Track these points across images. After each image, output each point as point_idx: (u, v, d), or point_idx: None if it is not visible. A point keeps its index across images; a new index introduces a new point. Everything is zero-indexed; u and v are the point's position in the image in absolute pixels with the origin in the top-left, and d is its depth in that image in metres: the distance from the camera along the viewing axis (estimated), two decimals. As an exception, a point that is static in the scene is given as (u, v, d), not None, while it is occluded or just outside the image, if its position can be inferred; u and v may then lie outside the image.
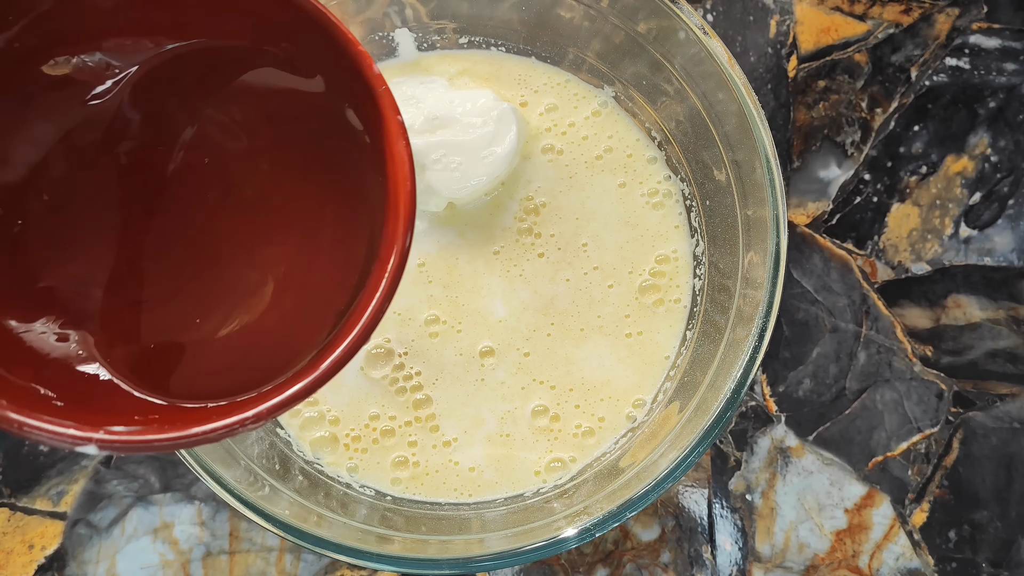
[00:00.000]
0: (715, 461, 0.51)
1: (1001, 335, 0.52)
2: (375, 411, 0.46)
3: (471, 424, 0.46)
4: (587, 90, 0.49)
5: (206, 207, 0.33)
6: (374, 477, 0.45)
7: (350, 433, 0.46)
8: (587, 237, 0.47)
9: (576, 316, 0.47)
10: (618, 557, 0.50)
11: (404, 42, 0.50)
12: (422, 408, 0.46)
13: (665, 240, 0.48)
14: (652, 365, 0.46)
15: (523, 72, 0.50)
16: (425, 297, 0.47)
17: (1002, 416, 0.52)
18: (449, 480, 0.45)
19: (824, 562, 0.50)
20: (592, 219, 0.48)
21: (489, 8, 0.48)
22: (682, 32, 0.42)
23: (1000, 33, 0.54)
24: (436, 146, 0.46)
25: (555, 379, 0.46)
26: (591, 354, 0.46)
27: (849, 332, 0.52)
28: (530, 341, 0.46)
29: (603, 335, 0.46)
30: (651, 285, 0.47)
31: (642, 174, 0.48)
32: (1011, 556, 0.50)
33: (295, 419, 0.46)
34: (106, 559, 0.51)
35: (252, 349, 0.32)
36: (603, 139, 0.49)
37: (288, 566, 0.51)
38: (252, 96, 0.32)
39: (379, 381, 0.46)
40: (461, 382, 0.46)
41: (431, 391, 0.46)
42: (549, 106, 0.49)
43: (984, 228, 0.53)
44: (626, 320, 0.47)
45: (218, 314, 0.33)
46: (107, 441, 0.26)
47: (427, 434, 0.46)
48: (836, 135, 0.54)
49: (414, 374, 0.46)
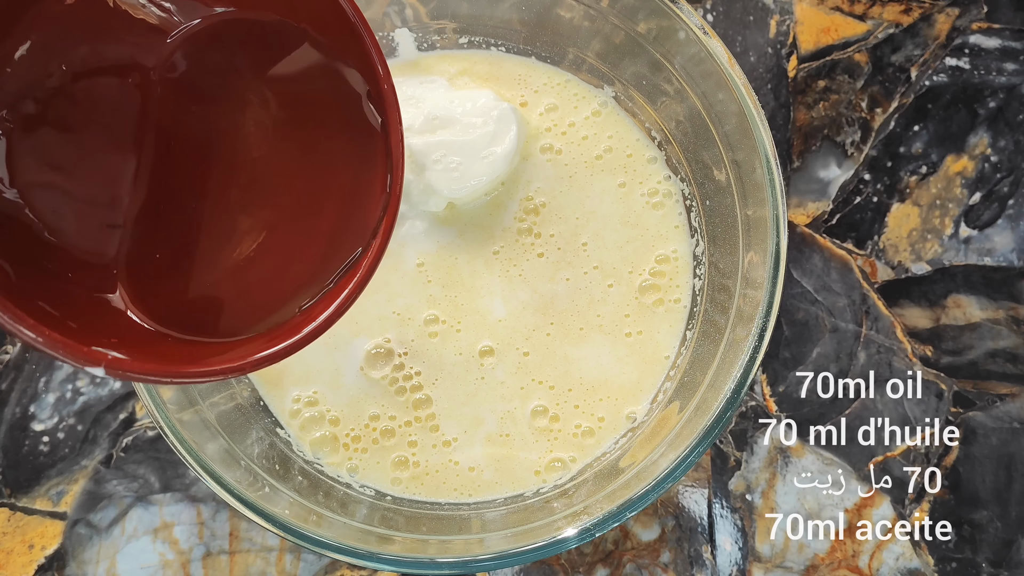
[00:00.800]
0: (715, 461, 0.51)
1: (1001, 335, 0.52)
2: (375, 411, 0.46)
3: (471, 424, 0.46)
4: (587, 90, 0.49)
5: (221, 163, 0.36)
6: (374, 477, 0.45)
7: (350, 433, 0.46)
8: (587, 237, 0.47)
9: (576, 315, 0.47)
10: (618, 557, 0.50)
11: (404, 42, 0.50)
12: (422, 408, 0.46)
13: (665, 240, 0.48)
14: (652, 364, 0.46)
15: (523, 72, 0.50)
16: (424, 297, 0.47)
17: (1002, 416, 0.52)
18: (449, 480, 0.45)
19: (824, 562, 0.50)
20: (592, 219, 0.48)
21: (489, 8, 0.48)
22: (682, 32, 0.42)
23: (1000, 33, 0.54)
24: (436, 146, 0.46)
25: (554, 379, 0.46)
26: (590, 354, 0.46)
27: (849, 332, 0.52)
28: (529, 341, 0.46)
29: (603, 334, 0.46)
30: (651, 285, 0.47)
31: (642, 174, 0.48)
32: (1011, 556, 0.50)
33: (295, 419, 0.46)
34: (106, 559, 0.51)
35: (257, 292, 0.35)
36: (603, 139, 0.49)
37: (288, 566, 0.51)
38: (285, 71, 0.35)
39: (379, 381, 0.46)
40: (461, 382, 0.46)
41: (431, 391, 0.46)
42: (549, 106, 0.49)
43: (984, 228, 0.53)
44: (626, 320, 0.47)
45: (229, 258, 0.35)
46: (115, 363, 0.28)
47: (427, 434, 0.46)
48: (836, 135, 0.54)
49: (414, 374, 0.46)
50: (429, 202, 0.46)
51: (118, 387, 0.53)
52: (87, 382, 0.53)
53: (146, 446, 0.52)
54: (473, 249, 0.47)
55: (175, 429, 0.39)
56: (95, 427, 0.52)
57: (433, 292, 0.47)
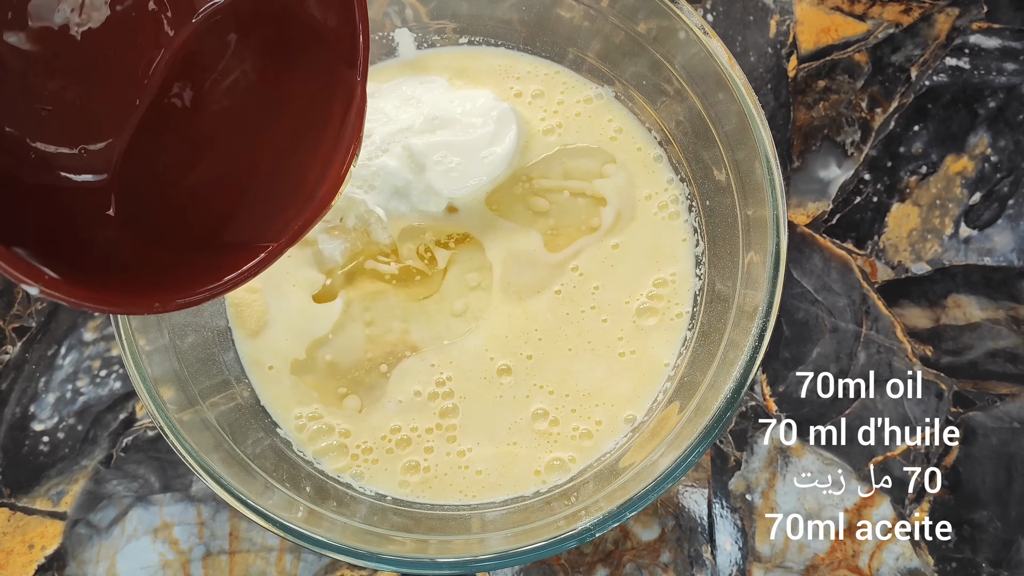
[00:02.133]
0: (715, 461, 0.51)
1: (1001, 335, 0.52)
2: (396, 424, 0.46)
3: (486, 437, 0.46)
4: (581, 82, 0.49)
5: (203, 103, 0.37)
6: (381, 481, 0.45)
7: (362, 444, 0.46)
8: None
9: (580, 328, 0.47)
10: (618, 557, 0.50)
11: (404, 42, 0.50)
12: (448, 416, 0.46)
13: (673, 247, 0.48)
14: (651, 374, 0.46)
15: (529, 68, 0.50)
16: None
17: (1002, 416, 0.52)
18: (456, 483, 0.45)
19: (824, 562, 0.50)
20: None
21: (489, 8, 0.48)
22: (682, 32, 0.42)
23: (1000, 33, 0.54)
24: (436, 146, 0.46)
25: (554, 384, 0.46)
26: (588, 366, 0.46)
27: (849, 332, 0.52)
28: (529, 344, 0.46)
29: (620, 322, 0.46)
30: (659, 286, 0.47)
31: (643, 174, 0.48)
32: (1011, 556, 0.50)
33: (302, 434, 0.46)
34: (106, 559, 0.51)
35: (241, 210, 0.37)
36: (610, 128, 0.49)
37: (288, 566, 0.51)
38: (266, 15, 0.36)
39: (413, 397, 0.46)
40: (484, 398, 0.46)
41: (459, 401, 0.46)
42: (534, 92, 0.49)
43: (984, 228, 0.53)
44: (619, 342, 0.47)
45: (211, 177, 0.37)
46: (52, 284, 0.29)
47: (444, 443, 0.46)
48: (836, 135, 0.54)
49: (446, 379, 0.46)
50: (429, 202, 0.46)
51: (118, 387, 0.53)
52: (87, 382, 0.53)
53: (146, 446, 0.52)
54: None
55: (175, 429, 0.39)
56: (95, 427, 0.52)
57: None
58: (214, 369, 0.45)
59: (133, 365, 0.39)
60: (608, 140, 0.49)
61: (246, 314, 0.47)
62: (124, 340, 0.39)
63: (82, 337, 0.53)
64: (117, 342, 0.40)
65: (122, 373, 0.53)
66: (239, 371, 0.47)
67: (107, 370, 0.53)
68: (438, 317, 0.47)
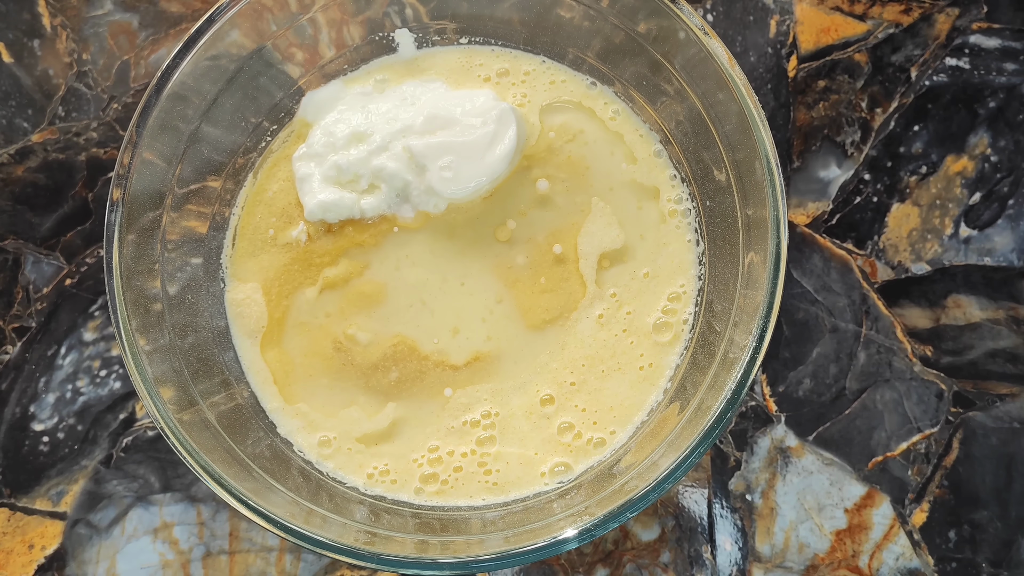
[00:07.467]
0: (715, 461, 0.51)
1: (1001, 335, 0.52)
2: (435, 443, 0.46)
3: (515, 457, 0.46)
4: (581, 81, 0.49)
5: None
6: (396, 490, 0.46)
7: (379, 467, 0.46)
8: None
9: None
10: (618, 557, 0.50)
11: (404, 42, 0.50)
12: (485, 445, 0.46)
13: (675, 245, 0.48)
14: (656, 380, 0.47)
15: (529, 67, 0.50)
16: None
17: (1002, 416, 0.52)
18: (470, 489, 0.46)
19: (824, 562, 0.50)
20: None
21: (489, 8, 0.48)
22: (682, 32, 0.41)
23: (1000, 33, 0.54)
24: (436, 147, 0.46)
25: (586, 403, 0.46)
26: (615, 383, 0.47)
27: (849, 332, 0.52)
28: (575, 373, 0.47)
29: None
30: (673, 300, 0.47)
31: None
32: (1011, 556, 0.50)
33: (326, 448, 0.46)
34: (106, 559, 0.51)
35: None
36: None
37: (288, 566, 0.51)
38: None
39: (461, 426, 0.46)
40: (522, 426, 0.46)
41: (498, 435, 0.46)
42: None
43: (984, 228, 0.53)
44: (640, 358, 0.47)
45: None
46: None
47: (475, 467, 0.46)
48: (836, 135, 0.54)
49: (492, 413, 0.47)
50: (430, 203, 0.46)
51: (118, 387, 0.53)
52: (87, 382, 0.53)
53: (146, 446, 0.52)
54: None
55: (175, 429, 0.39)
56: (95, 427, 0.52)
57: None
58: (214, 369, 0.45)
59: (133, 365, 0.39)
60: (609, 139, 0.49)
61: (246, 314, 0.47)
62: (124, 340, 0.39)
63: (82, 337, 0.53)
64: (117, 342, 0.40)
65: (122, 373, 0.53)
66: (239, 371, 0.47)
67: (107, 370, 0.53)
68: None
